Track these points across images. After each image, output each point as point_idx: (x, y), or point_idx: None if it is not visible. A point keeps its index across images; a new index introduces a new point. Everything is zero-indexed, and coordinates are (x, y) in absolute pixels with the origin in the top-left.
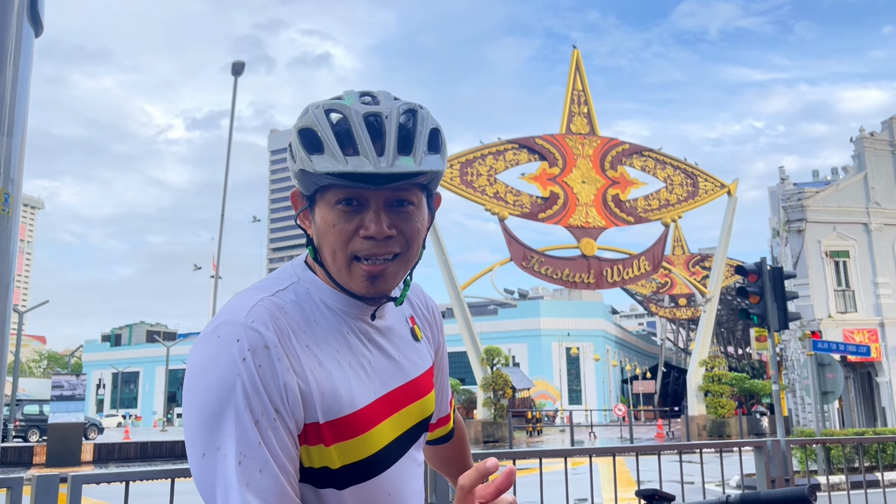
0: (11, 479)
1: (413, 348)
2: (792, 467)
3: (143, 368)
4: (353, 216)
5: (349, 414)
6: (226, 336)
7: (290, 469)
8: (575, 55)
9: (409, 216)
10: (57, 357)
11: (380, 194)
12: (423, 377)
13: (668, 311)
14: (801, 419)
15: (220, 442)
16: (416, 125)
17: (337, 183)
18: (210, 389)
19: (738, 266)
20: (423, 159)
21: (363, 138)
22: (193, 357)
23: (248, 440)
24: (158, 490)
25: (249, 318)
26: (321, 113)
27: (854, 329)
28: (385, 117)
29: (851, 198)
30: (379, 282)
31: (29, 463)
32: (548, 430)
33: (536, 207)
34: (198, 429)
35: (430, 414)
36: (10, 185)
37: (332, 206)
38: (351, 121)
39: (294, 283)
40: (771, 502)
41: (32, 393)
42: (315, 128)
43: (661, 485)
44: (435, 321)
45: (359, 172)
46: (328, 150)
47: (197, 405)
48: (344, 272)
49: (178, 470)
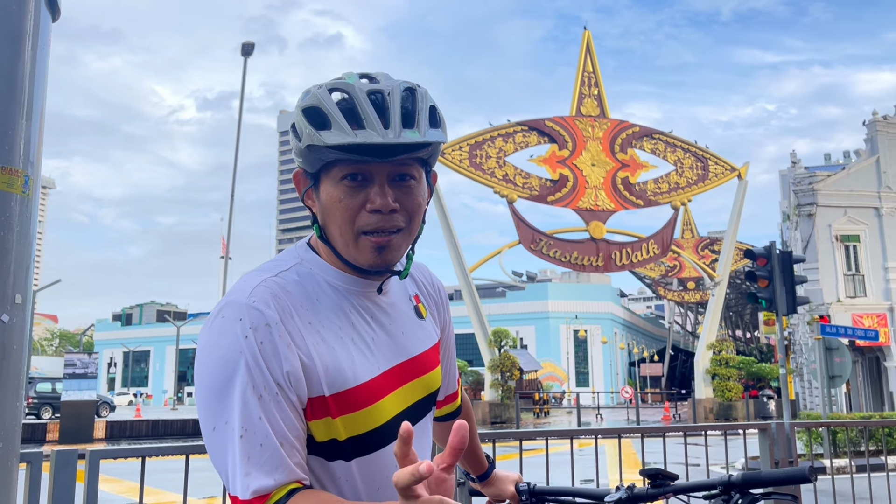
0: (31, 454)
1: (417, 325)
2: (796, 450)
3: (153, 347)
4: (359, 191)
5: (353, 387)
6: (229, 316)
7: (295, 442)
8: (586, 36)
9: (412, 190)
10: (69, 336)
11: (383, 168)
12: (427, 353)
13: (677, 295)
14: (808, 403)
15: (227, 416)
16: (416, 102)
17: (343, 157)
18: (216, 366)
19: (747, 250)
20: (426, 131)
21: (369, 113)
22: (202, 338)
23: (249, 415)
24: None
25: (252, 298)
26: (325, 92)
27: (863, 313)
28: (387, 94)
29: (863, 181)
30: (386, 252)
31: (42, 440)
32: (555, 412)
33: (546, 190)
34: (207, 404)
35: (435, 389)
36: (29, 167)
37: (338, 182)
38: (356, 98)
39: (297, 263)
40: (772, 481)
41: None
42: (320, 105)
43: (666, 466)
44: (441, 300)
45: (368, 143)
46: (335, 125)
47: (205, 382)
48: (351, 246)
49: (192, 446)
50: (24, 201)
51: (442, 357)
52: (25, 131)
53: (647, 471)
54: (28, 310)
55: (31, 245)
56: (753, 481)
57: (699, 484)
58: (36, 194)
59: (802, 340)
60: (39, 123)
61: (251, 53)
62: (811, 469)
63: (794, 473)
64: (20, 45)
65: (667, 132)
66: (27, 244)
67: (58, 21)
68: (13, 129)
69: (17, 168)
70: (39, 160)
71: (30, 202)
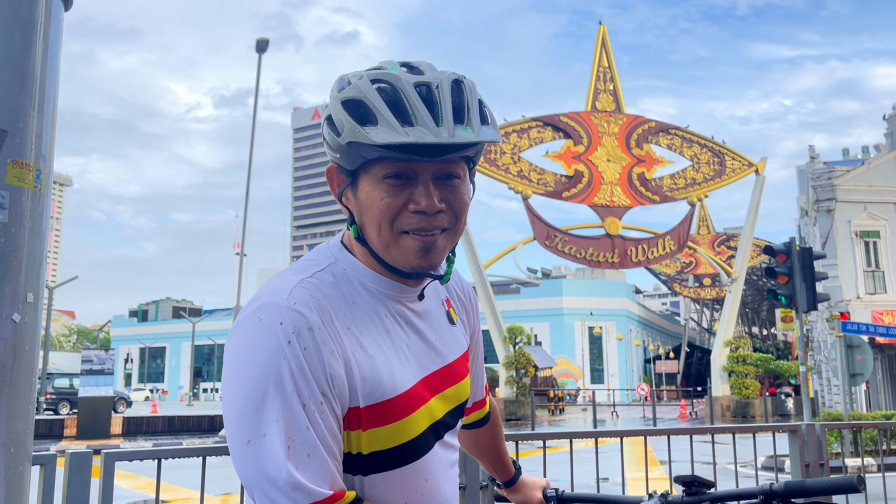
0: (45, 457)
1: (449, 332)
2: (826, 452)
3: (169, 344)
4: (402, 190)
5: (391, 398)
6: (268, 319)
7: (337, 454)
8: (601, 31)
9: (457, 189)
10: (86, 332)
11: (429, 167)
12: (458, 361)
13: (692, 291)
14: (827, 401)
15: (265, 428)
16: (464, 95)
17: (387, 156)
18: (254, 375)
19: (766, 246)
20: (479, 129)
21: (418, 108)
22: (234, 342)
23: (296, 424)
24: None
25: (291, 300)
26: (367, 83)
27: (883, 310)
28: (435, 87)
29: (883, 176)
30: (431, 254)
31: (60, 435)
32: (570, 409)
33: (560, 186)
34: (242, 416)
35: (465, 399)
36: (41, 161)
37: (380, 180)
38: (402, 91)
39: (331, 263)
40: (818, 491)
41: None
42: (363, 98)
43: (693, 467)
44: (471, 304)
45: (421, 143)
46: (383, 121)
47: (241, 392)
48: (392, 247)
49: (209, 448)
50: (36, 196)
51: (471, 364)
52: (37, 124)
53: (682, 478)
54: (40, 309)
55: (44, 242)
56: (797, 490)
57: (738, 492)
58: (48, 189)
59: (821, 338)
60: (52, 116)
61: (266, 50)
62: (860, 479)
63: (843, 483)
64: (31, 35)
65: (683, 127)
66: (39, 241)
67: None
68: (24, 121)
69: (28, 162)
70: (52, 154)
71: (42, 197)
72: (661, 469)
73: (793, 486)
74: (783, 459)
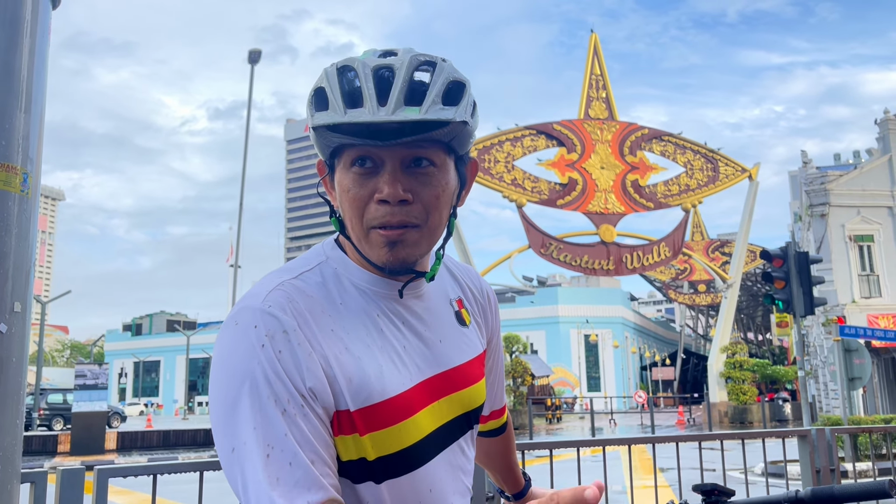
0: (35, 474)
1: (458, 333)
2: (837, 457)
3: (163, 357)
4: (368, 179)
5: (380, 401)
6: (244, 323)
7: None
8: (593, 40)
9: (429, 179)
10: (80, 347)
11: (395, 153)
12: (469, 365)
13: (688, 298)
14: (824, 405)
15: (245, 436)
16: (433, 77)
17: (347, 142)
18: (230, 380)
19: (763, 251)
20: (430, 108)
21: (367, 89)
22: (216, 348)
23: (274, 431)
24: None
25: (266, 303)
26: (333, 71)
27: (878, 314)
28: (396, 68)
29: (876, 181)
30: (398, 248)
31: (53, 451)
32: (567, 418)
33: (555, 194)
34: (224, 422)
35: (478, 405)
36: (28, 164)
37: (348, 169)
38: (359, 74)
39: (321, 262)
40: (848, 497)
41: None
42: (325, 85)
43: (703, 475)
44: (490, 306)
45: (355, 122)
46: (331, 105)
47: (220, 398)
48: (364, 242)
49: (205, 463)
50: (24, 200)
51: (488, 369)
52: (24, 125)
53: (702, 486)
54: (28, 319)
55: (32, 248)
56: (825, 497)
57: (763, 500)
58: (36, 193)
59: (817, 342)
60: (40, 117)
61: (258, 61)
62: (891, 483)
63: (873, 488)
64: (17, 32)
65: (676, 134)
66: (27, 247)
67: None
68: (10, 122)
69: (14, 165)
70: (39, 157)
71: (29, 202)
72: (662, 477)
73: (820, 492)
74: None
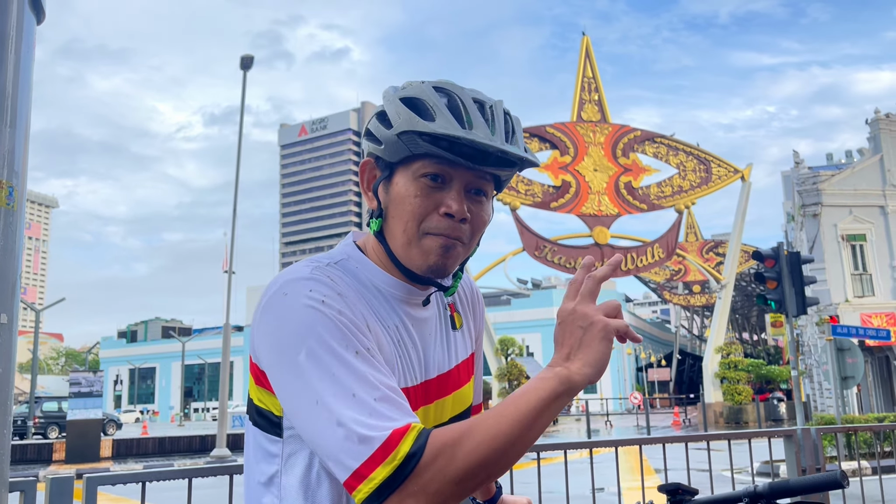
0: (24, 483)
1: (452, 337)
2: (823, 456)
3: (159, 364)
4: (435, 192)
5: None
6: (294, 292)
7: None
8: (585, 42)
9: (482, 206)
10: (75, 354)
11: (464, 177)
12: (460, 367)
13: (682, 299)
14: (819, 404)
15: (324, 386)
16: (510, 121)
17: (433, 153)
18: (298, 335)
19: (754, 251)
20: (525, 149)
21: (475, 116)
22: (264, 320)
23: (354, 373)
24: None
25: (315, 274)
26: (429, 87)
27: (871, 313)
28: (489, 106)
29: (868, 180)
30: (450, 255)
31: (49, 459)
32: (563, 420)
33: (548, 196)
34: (297, 383)
35: (468, 406)
36: (14, 177)
37: (417, 178)
38: (462, 98)
39: (343, 259)
40: (802, 489)
41: (51, 390)
42: (425, 98)
43: (689, 475)
44: (478, 306)
45: (477, 142)
46: (441, 118)
47: (289, 354)
48: (413, 245)
49: (194, 469)
50: (9, 214)
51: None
52: (9, 140)
53: (666, 486)
54: (15, 330)
55: (18, 261)
56: (781, 490)
57: (723, 497)
58: (21, 207)
59: (811, 342)
60: (24, 132)
61: (250, 67)
62: (843, 473)
63: (826, 480)
64: (2, 49)
65: (668, 136)
66: (13, 259)
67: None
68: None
69: (0, 179)
70: (25, 171)
71: (15, 215)
72: (657, 478)
73: (777, 486)
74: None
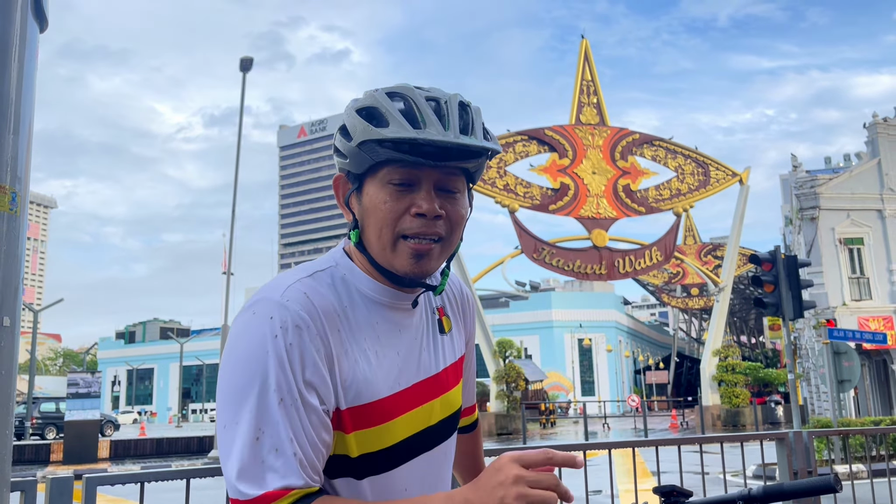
0: (25, 483)
1: (440, 341)
2: (815, 459)
3: (157, 365)
4: (405, 195)
5: (369, 402)
6: (260, 313)
7: (313, 452)
8: (584, 45)
9: (456, 201)
10: (72, 355)
11: (431, 175)
12: (448, 370)
13: (681, 302)
14: (816, 408)
15: (240, 417)
16: (469, 114)
17: (395, 158)
18: (239, 364)
19: (752, 255)
20: (486, 136)
21: (429, 115)
22: (232, 331)
23: (268, 418)
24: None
25: (285, 297)
26: (382, 94)
27: (869, 317)
28: (443, 102)
29: (865, 184)
30: (424, 261)
31: (46, 460)
32: (561, 422)
33: (547, 199)
34: (226, 400)
35: (456, 409)
36: (17, 183)
37: (384, 184)
38: (415, 101)
39: (332, 266)
40: (796, 493)
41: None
42: (378, 106)
43: (682, 477)
44: (469, 309)
45: (429, 139)
46: (395, 123)
47: (226, 378)
48: (388, 250)
49: (193, 470)
50: (12, 219)
51: (464, 370)
52: (12, 146)
53: (661, 488)
54: (17, 333)
55: (20, 265)
56: (775, 493)
57: (716, 499)
58: (24, 212)
59: (808, 345)
60: (27, 138)
61: (250, 69)
62: (836, 478)
63: (819, 484)
64: (6, 57)
65: (667, 139)
66: (15, 263)
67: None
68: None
69: (3, 184)
70: (27, 177)
71: (17, 220)
72: (653, 480)
73: (771, 489)
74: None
